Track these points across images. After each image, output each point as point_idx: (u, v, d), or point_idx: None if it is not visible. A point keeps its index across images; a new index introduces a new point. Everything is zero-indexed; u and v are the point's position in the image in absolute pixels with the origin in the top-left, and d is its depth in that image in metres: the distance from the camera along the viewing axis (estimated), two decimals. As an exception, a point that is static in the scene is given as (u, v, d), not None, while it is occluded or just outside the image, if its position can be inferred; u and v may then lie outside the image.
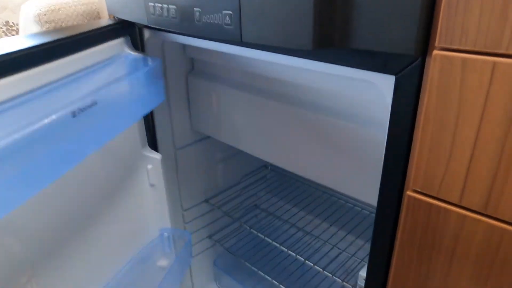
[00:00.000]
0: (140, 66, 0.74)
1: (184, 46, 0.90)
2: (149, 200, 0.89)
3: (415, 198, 0.50)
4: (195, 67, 0.94)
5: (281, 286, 1.02)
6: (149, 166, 0.86)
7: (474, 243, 0.48)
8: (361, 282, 0.74)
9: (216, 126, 0.92)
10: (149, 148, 0.86)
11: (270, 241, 1.03)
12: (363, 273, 0.74)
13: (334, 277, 0.91)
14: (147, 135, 0.86)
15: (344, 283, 0.89)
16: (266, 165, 1.29)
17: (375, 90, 0.61)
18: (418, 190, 0.50)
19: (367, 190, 0.69)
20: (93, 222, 0.77)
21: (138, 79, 0.71)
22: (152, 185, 0.88)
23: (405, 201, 0.51)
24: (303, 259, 0.96)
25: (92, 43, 0.69)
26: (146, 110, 0.79)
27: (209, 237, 1.19)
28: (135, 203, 0.87)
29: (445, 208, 0.48)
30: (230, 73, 0.86)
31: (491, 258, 0.48)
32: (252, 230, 1.07)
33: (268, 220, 1.24)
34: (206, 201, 1.13)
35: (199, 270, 1.20)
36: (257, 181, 1.26)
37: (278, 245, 1.01)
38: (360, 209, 1.12)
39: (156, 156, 0.85)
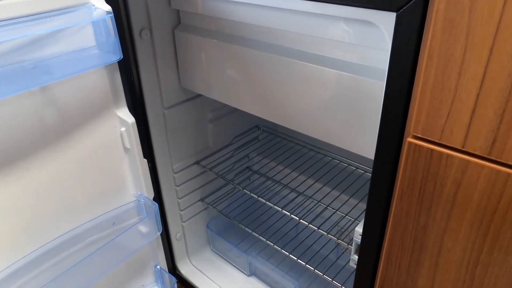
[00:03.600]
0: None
1: (169, -3, 0.85)
2: (125, 164, 0.87)
3: (416, 145, 0.48)
4: (181, 21, 0.89)
5: (275, 246, 1.02)
6: (123, 129, 0.83)
7: (477, 190, 0.46)
8: (357, 238, 0.72)
9: (206, 82, 0.88)
10: (125, 110, 0.83)
11: (264, 201, 1.01)
12: (359, 228, 0.73)
13: (330, 235, 0.90)
14: (126, 96, 0.82)
15: (339, 241, 0.88)
16: (258, 126, 1.25)
17: (373, 35, 0.57)
18: (419, 135, 0.47)
19: (364, 143, 0.66)
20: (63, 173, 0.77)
21: (76, 31, 0.69)
22: (127, 149, 0.85)
23: (405, 148, 0.49)
24: (297, 219, 0.94)
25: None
26: (87, 66, 0.74)
27: (201, 200, 1.17)
28: (108, 164, 0.85)
29: (447, 154, 0.46)
30: (219, 25, 0.81)
31: (493, 205, 0.46)
32: (245, 191, 1.05)
33: (260, 182, 1.22)
34: (197, 163, 1.10)
35: (192, 234, 1.19)
36: (249, 142, 1.23)
37: (272, 205, 0.99)
38: (354, 168, 1.10)
39: (128, 119, 0.81)
